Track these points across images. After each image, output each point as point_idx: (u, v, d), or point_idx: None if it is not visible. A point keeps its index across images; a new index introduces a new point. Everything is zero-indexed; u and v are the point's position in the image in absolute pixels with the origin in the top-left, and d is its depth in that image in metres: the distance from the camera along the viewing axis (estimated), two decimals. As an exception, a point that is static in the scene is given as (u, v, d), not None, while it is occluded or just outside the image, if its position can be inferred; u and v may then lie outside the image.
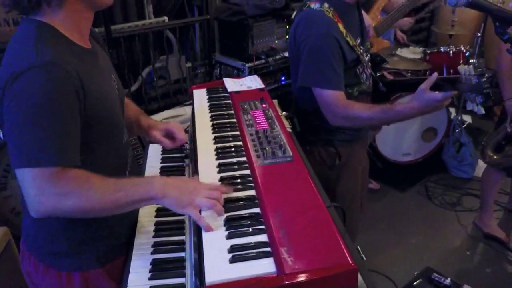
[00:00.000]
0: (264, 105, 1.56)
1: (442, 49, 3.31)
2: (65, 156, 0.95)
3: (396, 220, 2.88)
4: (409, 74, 3.11)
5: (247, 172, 1.18)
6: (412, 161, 3.32)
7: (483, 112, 1.36)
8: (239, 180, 1.15)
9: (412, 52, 3.58)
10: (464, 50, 3.28)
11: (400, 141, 3.23)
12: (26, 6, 0.97)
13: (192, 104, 1.67)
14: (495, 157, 2.36)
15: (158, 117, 2.71)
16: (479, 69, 1.34)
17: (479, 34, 3.67)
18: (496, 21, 1.24)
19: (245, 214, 1.03)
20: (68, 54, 0.99)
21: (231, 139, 1.36)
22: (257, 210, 1.04)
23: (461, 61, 3.26)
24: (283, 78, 3.14)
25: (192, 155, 1.35)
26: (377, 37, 2.69)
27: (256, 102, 1.58)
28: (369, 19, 2.54)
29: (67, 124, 0.95)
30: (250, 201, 1.07)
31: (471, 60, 3.43)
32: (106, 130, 1.10)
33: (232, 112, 1.54)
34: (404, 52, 3.53)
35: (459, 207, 2.99)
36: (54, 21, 1.01)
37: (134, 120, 1.45)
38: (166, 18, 2.97)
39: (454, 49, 3.26)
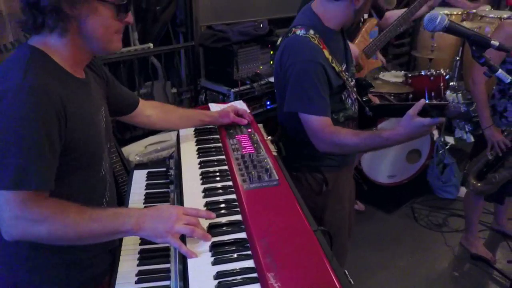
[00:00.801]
0: (249, 130, 1.57)
1: (423, 73, 3.39)
2: (40, 180, 0.94)
3: (384, 243, 2.88)
4: (392, 97, 3.18)
5: (233, 196, 1.18)
6: (397, 182, 3.34)
7: (472, 140, 1.38)
8: (224, 205, 1.14)
9: (394, 76, 3.66)
10: (444, 74, 3.37)
11: (385, 163, 3.26)
12: (31, 25, 1.00)
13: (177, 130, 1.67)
14: (478, 184, 2.39)
15: (143, 143, 2.70)
16: (468, 97, 1.36)
17: (457, 58, 3.79)
18: (472, 45, 1.28)
19: (231, 239, 1.01)
20: (55, 80, 1.00)
21: (216, 163, 1.36)
22: (243, 235, 1.03)
23: (442, 84, 3.35)
24: (268, 103, 3.17)
25: (177, 181, 1.33)
26: (368, 58, 2.74)
27: (242, 127, 1.59)
28: (356, 50, 2.60)
29: (44, 148, 0.95)
30: (235, 226, 1.06)
31: (452, 83, 3.53)
32: (84, 160, 1.09)
33: (218, 136, 1.54)
34: (386, 76, 3.61)
35: (445, 227, 3.01)
36: (50, 48, 1.03)
37: (199, 124, 1.59)
38: (151, 44, 2.99)
39: (434, 73, 3.35)
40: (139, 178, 1.62)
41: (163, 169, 1.67)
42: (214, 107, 1.75)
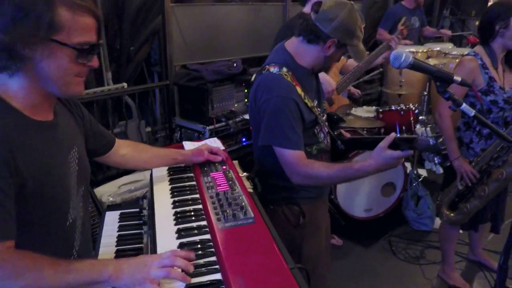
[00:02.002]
0: (224, 167, 1.56)
1: (393, 108, 3.49)
2: (2, 230, 0.90)
3: (363, 277, 2.85)
4: (365, 132, 3.24)
5: (208, 236, 1.15)
6: (374, 216, 3.35)
7: (442, 171, 1.42)
8: (199, 246, 1.11)
9: (366, 111, 3.75)
10: (414, 108, 3.48)
11: (361, 197, 3.28)
12: None
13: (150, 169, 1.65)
14: (451, 215, 2.42)
15: (116, 183, 2.65)
16: (437, 131, 1.41)
17: (425, 93, 3.93)
18: (436, 81, 1.33)
19: (206, 281, 0.98)
20: (9, 126, 0.97)
21: (190, 202, 1.33)
22: (218, 276, 1.00)
23: (412, 118, 3.45)
24: (243, 140, 3.19)
25: (150, 221, 1.30)
26: (338, 94, 2.83)
27: (217, 164, 1.59)
28: (333, 83, 2.68)
29: None
30: (210, 267, 1.03)
31: (421, 117, 3.64)
32: (46, 208, 1.04)
33: (192, 175, 1.52)
34: (358, 111, 3.70)
35: (423, 260, 3.01)
36: (9, 92, 1.00)
37: (173, 162, 1.57)
38: (125, 84, 2.99)
39: (404, 107, 3.45)
40: (112, 220, 1.58)
41: (136, 210, 1.63)
42: (188, 145, 1.74)
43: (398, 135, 1.45)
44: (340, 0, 1.57)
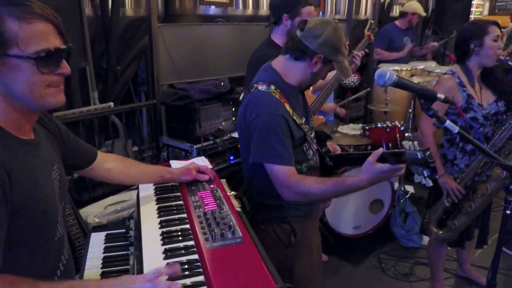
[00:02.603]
0: (212, 185, 1.55)
1: (379, 125, 3.54)
2: None
3: (353, 296, 2.83)
4: (352, 149, 3.27)
5: (195, 257, 1.13)
6: (363, 233, 3.35)
7: (431, 184, 1.43)
8: (186, 266, 1.09)
9: (352, 129, 3.79)
10: (399, 125, 3.53)
11: (350, 215, 3.28)
12: None
13: (137, 188, 1.63)
14: (440, 232, 2.42)
15: (102, 203, 2.61)
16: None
17: (410, 110, 3.99)
18: (421, 99, 1.36)
19: (194, 303, 0.96)
20: (0, 146, 0.96)
21: (177, 222, 1.32)
22: (206, 297, 0.98)
23: (398, 135, 3.49)
24: (231, 158, 3.18)
25: (137, 242, 1.28)
26: (313, 115, 2.85)
27: (204, 183, 1.57)
28: (333, 105, 2.69)
29: None
30: (198, 288, 1.01)
31: (407, 134, 3.69)
32: (35, 225, 1.02)
33: (179, 194, 1.51)
34: (345, 129, 3.73)
35: (412, 277, 3.00)
36: None
37: (160, 180, 1.55)
38: (111, 103, 2.98)
39: (390, 125, 3.50)
40: (97, 241, 1.55)
41: (123, 231, 1.61)
42: (176, 164, 1.73)
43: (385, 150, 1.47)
44: (325, 19, 1.63)
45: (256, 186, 1.73)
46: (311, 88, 2.90)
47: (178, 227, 1.28)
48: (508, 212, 1.52)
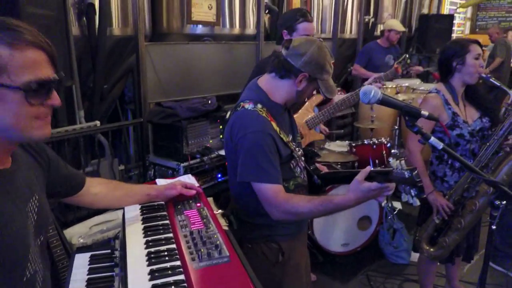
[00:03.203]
0: (198, 204, 1.53)
1: (366, 142, 3.57)
2: None
3: (343, 315, 2.80)
4: (339, 166, 3.28)
5: (182, 277, 1.11)
6: (351, 251, 3.34)
7: (419, 203, 1.43)
8: (173, 287, 1.07)
9: (339, 146, 3.82)
10: (386, 142, 3.56)
11: (338, 232, 3.27)
12: None
13: (123, 207, 1.61)
14: (431, 250, 2.42)
15: (87, 224, 2.56)
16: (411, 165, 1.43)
17: (396, 127, 4.04)
18: (405, 116, 1.37)
19: (180, 325, 0.94)
20: None
21: (164, 242, 1.29)
22: (192, 319, 0.96)
23: (384, 151, 3.52)
24: (219, 176, 3.17)
25: (122, 263, 1.25)
26: (309, 129, 2.86)
27: (190, 201, 1.56)
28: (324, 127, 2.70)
29: None
30: (184, 310, 0.99)
31: (393, 151, 3.72)
32: (3, 264, 0.92)
33: (165, 213, 1.49)
34: (332, 146, 3.76)
35: (402, 294, 2.99)
36: None
37: (147, 199, 1.52)
38: (98, 122, 2.96)
39: (376, 141, 3.53)
40: (81, 262, 1.51)
41: (108, 251, 1.57)
42: (162, 182, 1.71)
43: (373, 168, 1.48)
44: (309, 38, 1.66)
45: (243, 205, 1.72)
46: (312, 104, 2.93)
47: (164, 247, 1.26)
48: (494, 227, 1.54)
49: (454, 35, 8.70)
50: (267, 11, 4.07)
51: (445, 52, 2.32)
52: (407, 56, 2.99)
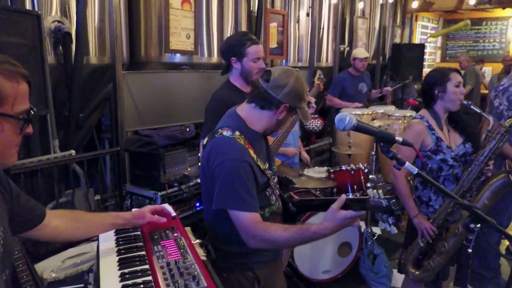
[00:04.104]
0: (175, 234, 1.51)
1: (344, 168, 3.60)
2: None
3: None
4: (318, 192, 3.29)
5: (158, 310, 1.08)
6: (332, 278, 3.31)
7: (396, 231, 1.44)
8: (148, 322, 1.04)
9: (317, 172, 3.83)
10: (363, 168, 3.60)
11: (319, 259, 3.25)
12: None
13: (98, 239, 1.56)
14: (417, 273, 2.42)
15: (60, 256, 2.47)
16: (388, 189, 1.45)
17: (373, 153, 4.10)
18: (380, 142, 1.40)
19: None
20: None
21: (140, 274, 1.26)
22: None
23: (362, 177, 3.55)
24: (197, 204, 3.12)
25: (95, 298, 1.21)
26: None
27: (167, 231, 1.53)
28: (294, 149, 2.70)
29: None
30: None
31: (371, 176, 3.76)
32: None
33: (141, 244, 1.45)
34: (310, 172, 3.77)
35: (384, 321, 2.96)
36: None
37: (112, 228, 1.49)
38: (73, 151, 2.90)
39: (354, 167, 3.57)
40: (52, 299, 1.45)
41: (81, 286, 1.52)
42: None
43: (350, 194, 1.50)
44: (287, 68, 1.68)
45: (218, 233, 1.70)
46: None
47: (140, 279, 1.23)
48: (470, 250, 1.56)
49: (425, 63, 9.01)
50: (244, 40, 4.14)
51: (427, 80, 2.41)
52: (320, 72, 3.13)
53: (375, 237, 3.57)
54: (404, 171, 2.32)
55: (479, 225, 1.56)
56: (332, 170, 3.61)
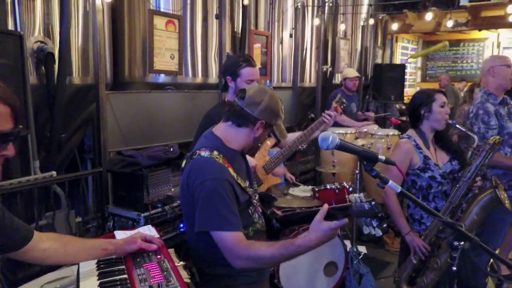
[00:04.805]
0: (159, 256, 1.48)
1: (328, 187, 3.61)
2: None
3: None
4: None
5: (139, 336, 1.05)
6: (319, 298, 3.28)
7: (381, 233, 1.45)
8: None
9: (302, 191, 3.83)
10: (347, 186, 3.62)
11: (305, 279, 3.22)
12: None
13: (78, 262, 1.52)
14: None
15: (40, 281, 2.39)
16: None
17: (357, 171, 4.12)
18: (363, 161, 1.41)
19: None
20: None
21: (121, 299, 1.23)
22: None
23: (347, 195, 3.57)
24: (181, 225, 3.08)
25: (75, 324, 1.17)
26: (267, 174, 2.87)
27: (150, 254, 1.50)
28: (253, 161, 2.73)
29: None
30: None
31: (355, 195, 3.77)
32: None
33: (123, 267, 1.42)
34: (295, 191, 3.77)
35: None
36: None
37: (103, 254, 1.46)
38: (54, 172, 2.84)
39: (338, 186, 3.58)
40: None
41: (60, 311, 1.47)
42: (120, 234, 1.65)
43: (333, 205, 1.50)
44: (261, 86, 1.74)
45: (202, 256, 1.68)
46: (266, 148, 2.95)
47: (121, 304, 1.19)
48: (454, 268, 1.56)
49: (406, 83, 9.21)
50: (228, 61, 4.18)
51: (413, 101, 2.51)
52: (341, 96, 3.17)
53: (361, 256, 3.56)
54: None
55: (462, 242, 1.57)
56: (316, 189, 3.62)
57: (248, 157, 2.51)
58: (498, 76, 2.89)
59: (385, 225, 2.33)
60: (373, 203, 1.36)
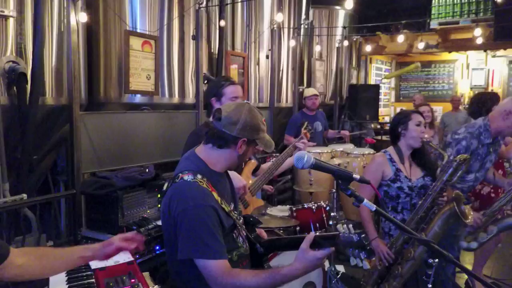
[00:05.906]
0: (133, 280, 1.45)
1: (306, 206, 3.61)
2: None
3: None
4: (281, 231, 3.26)
5: None
6: (298, 320, 3.23)
7: (369, 266, 1.44)
8: None
9: (280, 211, 3.83)
10: (325, 205, 3.63)
11: (283, 300, 3.18)
12: None
13: (48, 285, 1.47)
14: None
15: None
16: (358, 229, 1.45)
17: (334, 190, 4.16)
18: (338, 179, 1.42)
19: None
20: None
21: (92, 326, 1.18)
22: None
23: (324, 215, 3.57)
24: (157, 248, 3.00)
25: None
26: (252, 196, 2.87)
27: (124, 278, 1.47)
28: (242, 180, 2.73)
29: None
30: None
31: (332, 214, 3.79)
32: None
33: (95, 293, 1.38)
34: (273, 211, 3.76)
35: None
36: None
37: (81, 262, 1.41)
38: (24, 195, 2.75)
39: (316, 205, 3.59)
40: None
41: None
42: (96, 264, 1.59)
43: (318, 233, 1.48)
44: (237, 103, 1.70)
45: (184, 284, 1.62)
46: (250, 170, 2.96)
47: (92, 332, 1.15)
48: (430, 286, 1.57)
49: (381, 103, 9.42)
50: (205, 81, 4.19)
51: (393, 120, 2.77)
52: (308, 123, 3.40)
53: (339, 276, 3.55)
54: (368, 198, 2.41)
55: (437, 260, 1.59)
56: (294, 209, 3.61)
57: (237, 176, 2.51)
58: (508, 123, 2.73)
59: (373, 258, 2.37)
60: (362, 235, 1.36)
